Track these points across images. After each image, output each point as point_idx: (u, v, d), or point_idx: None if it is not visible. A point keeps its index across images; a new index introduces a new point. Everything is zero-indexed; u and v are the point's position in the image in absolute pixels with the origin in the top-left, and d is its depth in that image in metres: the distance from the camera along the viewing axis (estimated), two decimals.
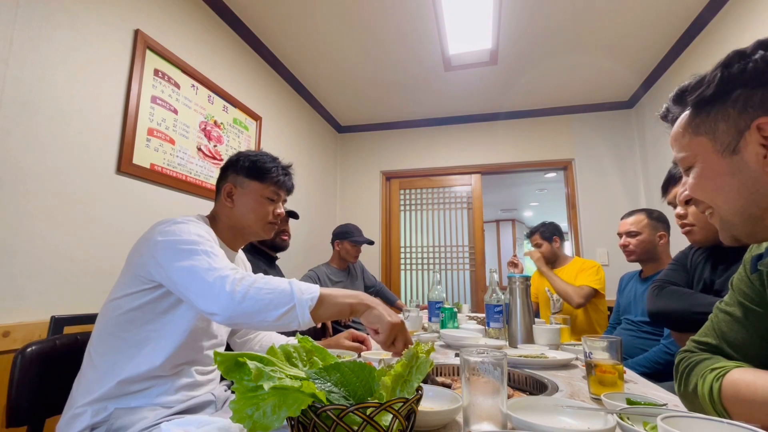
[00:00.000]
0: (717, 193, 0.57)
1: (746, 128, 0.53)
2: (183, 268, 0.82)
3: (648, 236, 1.86)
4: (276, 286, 0.78)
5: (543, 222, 2.71)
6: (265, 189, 1.09)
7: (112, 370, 0.86)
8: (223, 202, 1.08)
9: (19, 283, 1.21)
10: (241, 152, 1.14)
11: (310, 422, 0.47)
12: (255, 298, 0.76)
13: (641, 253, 1.88)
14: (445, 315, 1.74)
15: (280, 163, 1.13)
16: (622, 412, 0.60)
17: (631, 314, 1.90)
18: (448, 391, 0.72)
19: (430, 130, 3.77)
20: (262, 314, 0.76)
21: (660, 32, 2.40)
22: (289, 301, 0.77)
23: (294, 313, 0.77)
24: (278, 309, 0.76)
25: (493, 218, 8.25)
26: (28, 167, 1.25)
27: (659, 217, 1.89)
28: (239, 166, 1.10)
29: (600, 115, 3.41)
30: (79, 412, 0.83)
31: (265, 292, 0.77)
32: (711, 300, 1.14)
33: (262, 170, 1.08)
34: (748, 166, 0.53)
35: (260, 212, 1.08)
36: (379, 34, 2.44)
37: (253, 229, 1.09)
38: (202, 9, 2.06)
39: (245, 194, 1.08)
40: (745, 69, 0.52)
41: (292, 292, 0.77)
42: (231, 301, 0.76)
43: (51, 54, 1.32)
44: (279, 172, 1.11)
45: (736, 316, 0.64)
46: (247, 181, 1.08)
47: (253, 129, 2.49)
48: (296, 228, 2.96)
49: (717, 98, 0.55)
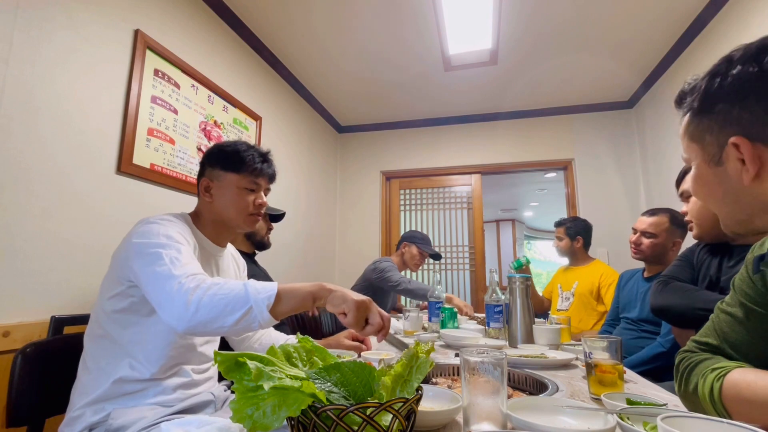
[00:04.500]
0: (708, 198, 0.61)
1: (725, 144, 0.54)
2: (147, 274, 0.81)
3: (663, 240, 1.78)
4: (230, 290, 0.76)
5: (576, 217, 2.64)
6: (242, 179, 1.05)
7: (105, 371, 0.86)
8: (203, 198, 1.06)
9: (19, 283, 1.21)
10: (217, 144, 1.10)
11: (310, 422, 0.47)
12: (209, 306, 0.74)
13: (650, 255, 1.82)
14: (445, 315, 1.74)
15: (256, 151, 1.08)
16: (622, 412, 0.60)
17: (631, 313, 1.89)
18: (448, 391, 0.72)
19: (430, 130, 3.77)
20: (219, 321, 0.74)
21: (660, 32, 2.40)
22: (245, 304, 0.75)
23: (252, 315, 0.75)
24: (234, 313, 0.74)
25: (493, 218, 8.24)
26: (29, 167, 1.25)
27: (681, 223, 1.76)
28: (214, 158, 1.07)
29: (600, 115, 3.41)
30: (77, 415, 0.83)
31: (219, 298, 0.75)
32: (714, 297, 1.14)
33: (237, 160, 1.04)
34: (730, 178, 0.55)
35: (239, 204, 1.05)
36: (379, 34, 2.44)
37: (235, 222, 1.06)
38: (202, 9, 2.06)
39: (222, 187, 1.05)
40: (722, 85, 0.53)
41: (248, 294, 0.76)
42: (185, 311, 0.74)
43: (51, 54, 1.32)
44: (255, 160, 1.06)
45: (737, 317, 0.63)
46: (223, 173, 1.05)
47: (253, 129, 2.49)
48: (296, 228, 2.96)
49: (703, 110, 0.57)
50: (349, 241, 3.82)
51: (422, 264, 2.68)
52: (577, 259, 2.56)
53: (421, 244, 2.59)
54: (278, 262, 2.64)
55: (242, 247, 1.69)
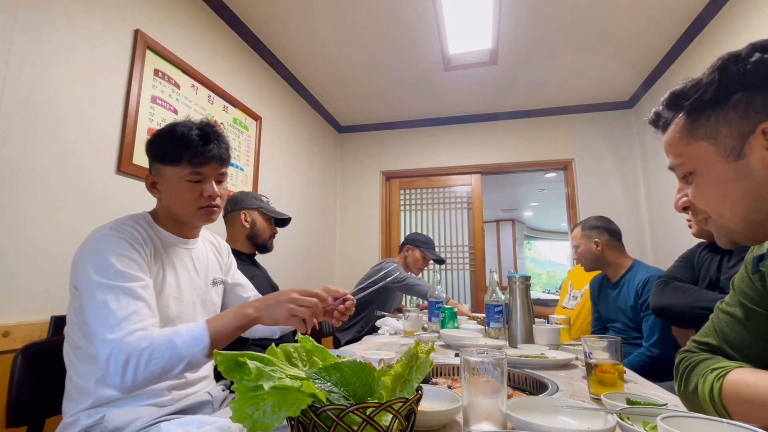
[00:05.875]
0: (723, 200, 0.55)
1: (750, 132, 0.51)
2: (91, 318, 0.78)
3: (584, 247, 1.93)
4: (163, 352, 0.75)
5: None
6: (181, 171, 0.91)
7: (88, 380, 0.85)
8: (153, 195, 0.96)
9: (19, 283, 1.21)
10: (155, 132, 0.96)
11: (310, 422, 0.47)
12: (145, 374, 0.75)
13: (587, 263, 1.94)
14: (445, 315, 1.74)
15: (197, 131, 0.91)
16: (622, 412, 0.60)
17: (615, 323, 1.87)
18: (448, 391, 0.72)
19: (430, 130, 3.77)
20: (161, 379, 0.77)
21: (660, 32, 2.40)
22: (181, 360, 0.77)
23: (191, 364, 0.78)
24: (174, 369, 0.77)
25: (493, 218, 8.24)
26: (29, 167, 1.25)
27: (592, 225, 1.94)
28: (151, 151, 0.94)
29: (600, 115, 3.41)
30: (72, 420, 0.83)
31: (154, 364, 0.75)
32: (714, 296, 1.15)
33: (172, 150, 0.90)
34: (753, 172, 0.52)
35: (185, 199, 0.92)
36: (379, 34, 2.44)
37: (187, 218, 0.96)
38: (202, 9, 2.06)
39: (165, 182, 0.93)
40: (744, 72, 0.51)
41: (180, 353, 0.76)
42: (123, 383, 0.74)
43: (51, 54, 1.32)
44: (195, 144, 0.90)
45: (737, 317, 0.63)
46: (161, 167, 0.92)
47: (253, 129, 2.49)
48: (296, 228, 2.96)
49: (716, 101, 0.53)
50: (349, 241, 3.82)
51: (425, 267, 2.68)
52: None
53: (424, 249, 2.58)
54: (278, 262, 2.64)
55: (242, 248, 1.69)
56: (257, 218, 1.70)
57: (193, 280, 1.02)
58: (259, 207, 1.71)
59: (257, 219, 1.70)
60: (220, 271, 1.15)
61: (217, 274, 1.12)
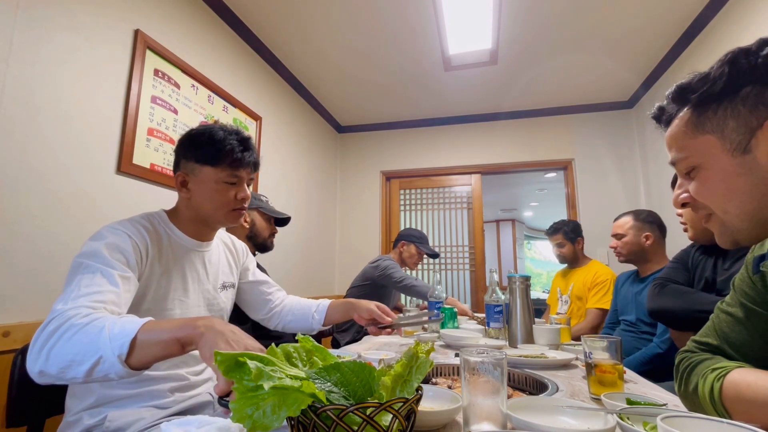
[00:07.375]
0: (729, 195, 0.54)
1: (758, 126, 0.51)
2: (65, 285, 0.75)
3: (632, 238, 1.89)
4: (86, 334, 0.62)
5: (564, 220, 2.62)
6: (220, 173, 0.94)
7: None
8: (180, 193, 0.97)
9: (19, 283, 1.21)
10: (189, 131, 0.99)
11: (310, 422, 0.47)
12: (59, 354, 0.62)
13: (627, 254, 1.92)
14: (445, 315, 1.74)
15: (236, 137, 0.97)
16: (622, 412, 0.60)
17: (629, 315, 1.89)
18: (448, 391, 0.72)
19: (430, 130, 3.77)
20: (69, 371, 0.62)
21: (660, 32, 2.40)
22: (95, 353, 0.61)
23: (102, 367, 0.61)
24: (83, 364, 0.61)
25: (493, 218, 8.25)
26: (29, 167, 1.25)
27: (646, 218, 1.91)
28: (187, 150, 0.96)
29: (600, 115, 3.41)
30: (74, 419, 0.83)
31: (71, 345, 0.62)
32: (712, 299, 1.15)
33: (213, 152, 0.94)
34: (759, 166, 0.52)
35: (219, 200, 0.95)
36: (379, 34, 2.44)
37: (216, 218, 0.98)
38: (202, 9, 2.06)
39: (199, 182, 0.95)
40: (755, 65, 0.50)
41: (100, 341, 0.61)
42: (36, 361, 0.63)
43: (51, 54, 1.32)
44: (235, 150, 0.95)
45: (737, 317, 0.63)
46: (198, 167, 0.94)
47: (253, 129, 2.49)
48: (296, 228, 2.96)
49: (725, 95, 0.53)
50: (349, 241, 3.82)
51: (420, 262, 2.68)
52: (578, 261, 2.55)
53: (419, 243, 2.59)
54: (278, 262, 2.64)
55: None
56: (257, 218, 1.71)
57: (202, 283, 1.02)
58: (258, 207, 1.72)
59: (257, 218, 1.71)
60: (232, 275, 1.14)
61: (227, 278, 1.11)
